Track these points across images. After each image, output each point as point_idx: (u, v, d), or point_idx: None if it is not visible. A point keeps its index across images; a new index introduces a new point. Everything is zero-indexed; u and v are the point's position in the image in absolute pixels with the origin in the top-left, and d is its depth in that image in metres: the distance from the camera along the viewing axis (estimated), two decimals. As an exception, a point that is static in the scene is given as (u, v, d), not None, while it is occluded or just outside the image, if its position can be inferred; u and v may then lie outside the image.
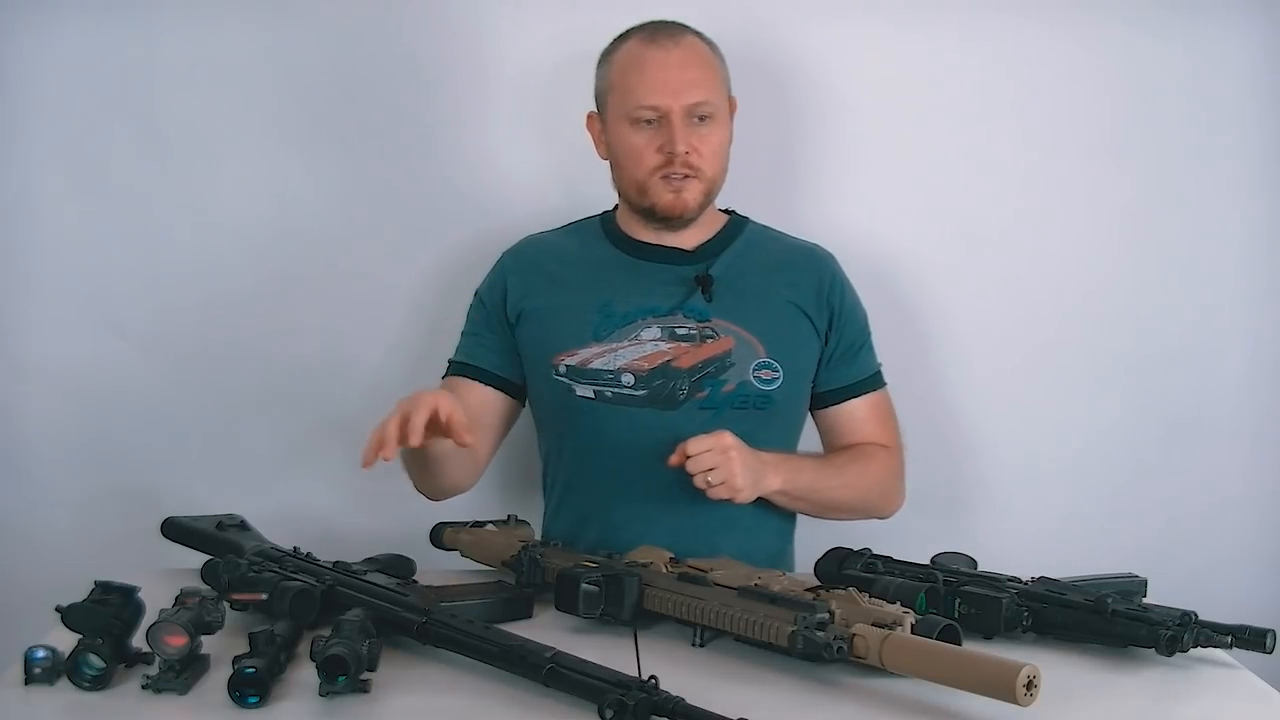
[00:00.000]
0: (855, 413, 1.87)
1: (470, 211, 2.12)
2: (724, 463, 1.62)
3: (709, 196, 1.82)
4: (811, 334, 1.84)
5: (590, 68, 1.84)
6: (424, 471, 1.78)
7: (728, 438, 1.63)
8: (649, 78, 1.75)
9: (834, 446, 1.89)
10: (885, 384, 1.90)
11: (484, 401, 1.84)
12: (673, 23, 1.80)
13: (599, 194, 1.89)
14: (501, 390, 1.86)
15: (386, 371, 2.15)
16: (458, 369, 1.89)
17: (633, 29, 1.80)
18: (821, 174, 2.14)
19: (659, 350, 1.78)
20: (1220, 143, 2.14)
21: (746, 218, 1.93)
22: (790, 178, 2.15)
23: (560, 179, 2.10)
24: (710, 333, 1.79)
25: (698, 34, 1.80)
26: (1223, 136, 2.14)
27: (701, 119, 1.76)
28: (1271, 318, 2.18)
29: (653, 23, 1.80)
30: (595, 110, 1.85)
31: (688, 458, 1.61)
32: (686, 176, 1.77)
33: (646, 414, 1.78)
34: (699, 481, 1.62)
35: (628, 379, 1.78)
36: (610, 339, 1.80)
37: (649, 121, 1.76)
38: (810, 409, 1.89)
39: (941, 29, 2.12)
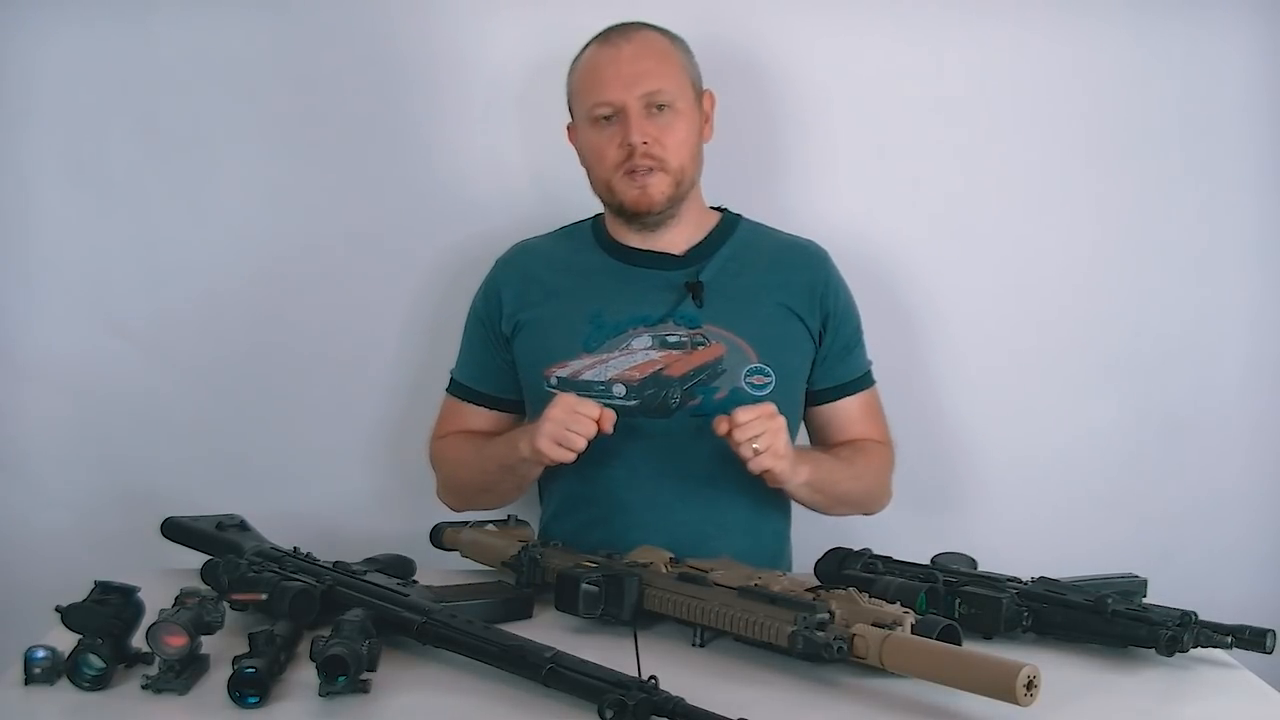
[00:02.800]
0: (849, 411, 1.87)
1: (469, 213, 2.12)
2: (771, 430, 1.59)
3: (678, 189, 1.79)
4: (804, 335, 1.83)
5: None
6: (517, 489, 1.82)
7: (773, 408, 1.61)
8: (601, 75, 1.76)
9: (826, 444, 1.88)
10: (875, 382, 1.90)
11: (489, 424, 1.87)
12: (630, 22, 1.80)
13: (588, 197, 1.88)
14: (504, 410, 1.88)
15: (386, 370, 2.15)
16: (458, 390, 1.91)
17: (595, 36, 1.81)
18: (813, 171, 2.14)
19: (650, 359, 1.78)
20: (1219, 141, 2.14)
21: (739, 216, 1.92)
22: (781, 174, 2.14)
23: (553, 182, 2.09)
24: (701, 339, 1.79)
25: (657, 29, 1.80)
26: (1221, 135, 2.14)
27: (660, 108, 1.75)
28: (1270, 317, 2.18)
29: (611, 26, 1.80)
30: (571, 120, 1.86)
31: (735, 427, 1.58)
32: (651, 170, 1.76)
33: (639, 423, 1.77)
34: (745, 450, 1.58)
35: (619, 389, 1.77)
36: (601, 349, 1.79)
37: (607, 119, 1.76)
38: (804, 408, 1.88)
39: (937, 26, 2.11)
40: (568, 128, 1.87)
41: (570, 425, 1.62)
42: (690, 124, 1.79)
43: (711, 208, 1.91)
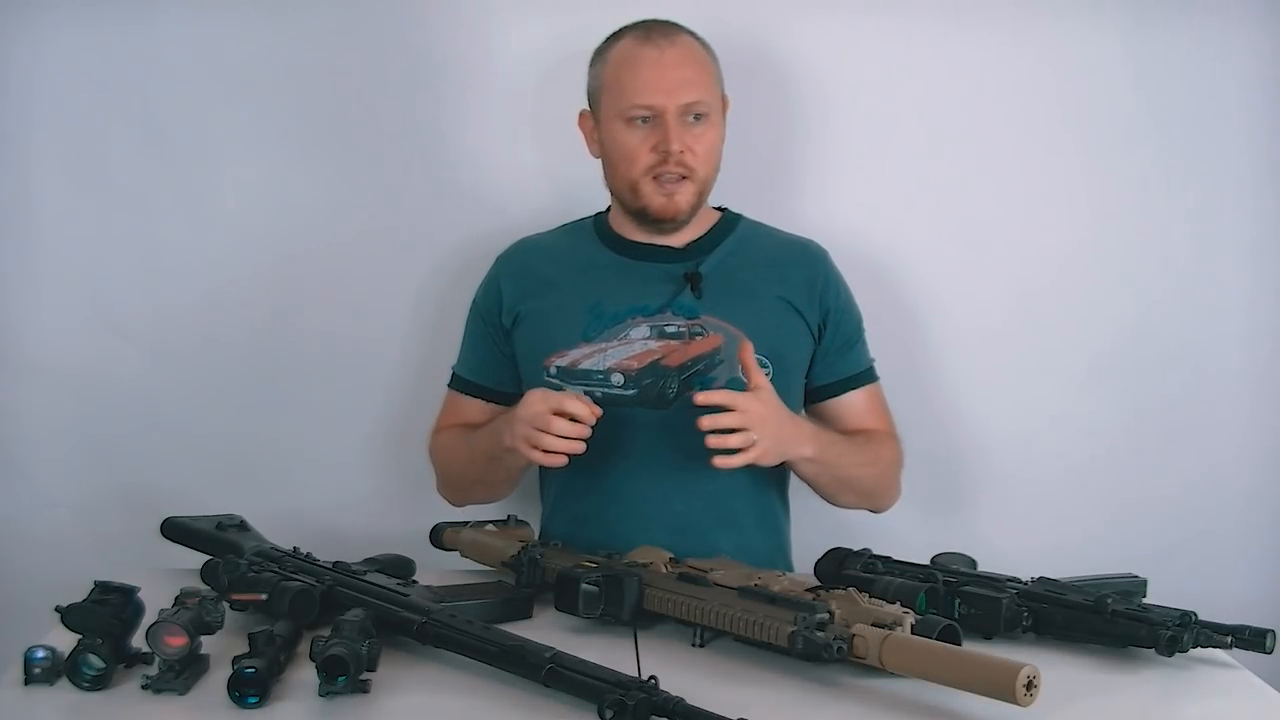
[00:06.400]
0: (854, 404, 1.87)
1: (470, 211, 2.12)
2: (752, 422, 1.59)
3: (701, 198, 1.81)
4: (803, 330, 1.83)
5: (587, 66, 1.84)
6: (507, 480, 1.81)
7: (754, 403, 1.60)
8: (643, 77, 1.74)
9: None
10: (878, 379, 1.90)
11: (486, 417, 1.86)
12: (666, 22, 1.79)
13: (597, 194, 1.89)
14: (502, 403, 1.87)
15: (387, 370, 2.15)
16: (460, 384, 1.91)
17: (626, 27, 1.80)
18: (817, 171, 2.14)
19: (648, 349, 1.78)
20: (1217, 141, 2.14)
21: (740, 215, 1.92)
22: (786, 175, 2.14)
23: (559, 178, 2.09)
24: (699, 330, 1.79)
25: (691, 33, 1.80)
26: (1219, 135, 2.14)
27: (696, 118, 1.76)
28: (1271, 317, 2.17)
29: (647, 21, 1.79)
30: (588, 108, 1.85)
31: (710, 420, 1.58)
32: (682, 178, 1.76)
33: (637, 413, 1.77)
34: (712, 441, 1.58)
35: (617, 379, 1.77)
36: (600, 339, 1.79)
37: (643, 120, 1.75)
38: (806, 404, 1.88)
39: (940, 26, 2.11)
40: (580, 114, 1.85)
41: (540, 425, 1.61)
42: (719, 133, 1.80)
43: (713, 207, 1.91)
